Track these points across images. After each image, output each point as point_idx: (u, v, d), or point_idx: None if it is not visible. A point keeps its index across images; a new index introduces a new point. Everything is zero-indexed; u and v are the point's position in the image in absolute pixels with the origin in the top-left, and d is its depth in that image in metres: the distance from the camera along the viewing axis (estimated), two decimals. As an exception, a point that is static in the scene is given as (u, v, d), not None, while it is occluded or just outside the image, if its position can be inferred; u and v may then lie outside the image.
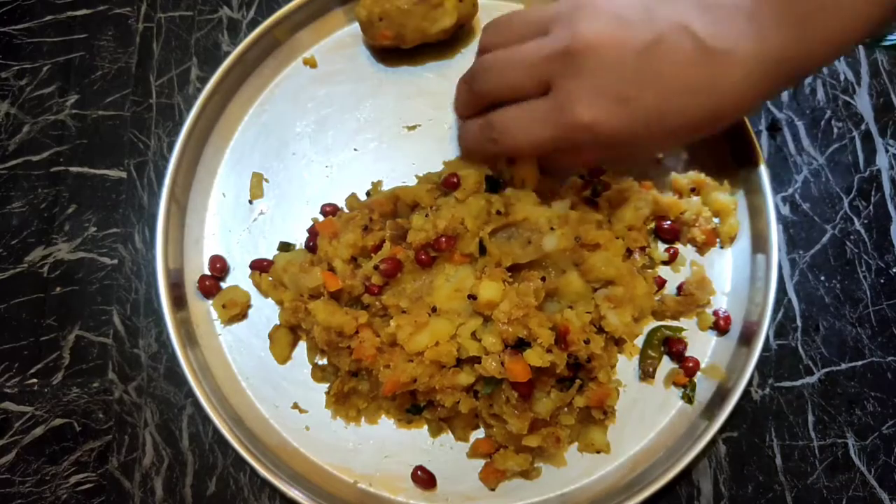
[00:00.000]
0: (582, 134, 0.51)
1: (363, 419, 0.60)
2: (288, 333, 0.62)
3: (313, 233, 0.63)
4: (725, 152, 0.65)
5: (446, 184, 0.59)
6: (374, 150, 0.68)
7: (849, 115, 0.70)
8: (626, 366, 0.61)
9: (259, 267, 0.64)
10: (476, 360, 0.55)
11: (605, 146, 0.52)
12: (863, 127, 0.69)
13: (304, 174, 0.68)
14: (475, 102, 0.59)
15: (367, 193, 0.66)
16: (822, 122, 0.70)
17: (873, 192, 0.67)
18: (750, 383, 0.60)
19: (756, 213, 0.63)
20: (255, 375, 0.62)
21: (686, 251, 0.64)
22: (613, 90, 0.49)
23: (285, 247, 0.65)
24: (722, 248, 0.64)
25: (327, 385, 0.60)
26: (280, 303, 0.62)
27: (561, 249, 0.55)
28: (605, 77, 0.49)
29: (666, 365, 0.62)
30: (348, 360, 0.57)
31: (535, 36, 0.53)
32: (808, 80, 0.71)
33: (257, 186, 0.67)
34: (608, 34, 0.49)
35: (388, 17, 0.65)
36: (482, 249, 0.56)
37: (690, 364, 0.61)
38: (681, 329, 0.62)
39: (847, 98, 0.71)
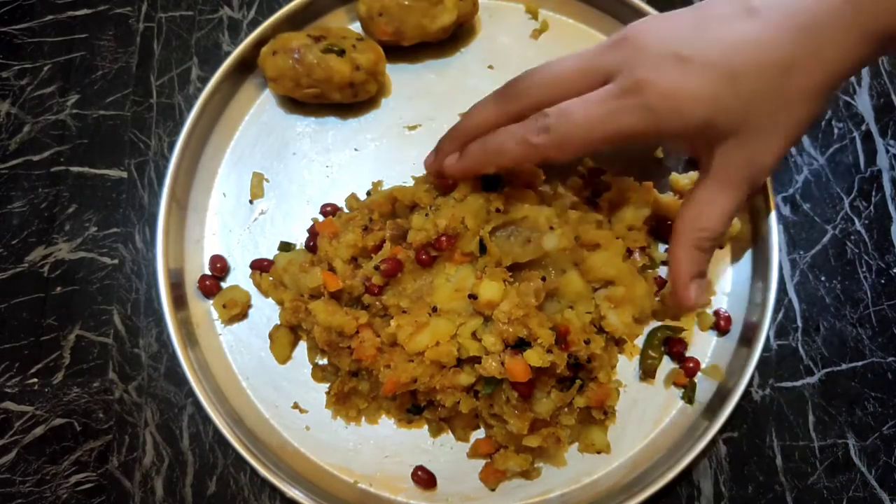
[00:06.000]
0: (657, 104, 0.48)
1: (363, 419, 0.60)
2: (288, 333, 0.62)
3: (313, 233, 0.63)
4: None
5: (441, 185, 0.59)
6: (374, 150, 0.68)
7: (849, 115, 0.70)
8: (626, 366, 0.61)
9: (259, 267, 0.64)
10: (476, 360, 0.55)
11: (683, 121, 0.48)
12: (863, 127, 0.69)
13: (304, 174, 0.68)
14: (509, 111, 0.54)
15: (368, 193, 0.66)
16: (823, 123, 0.70)
17: (874, 193, 0.67)
18: (750, 383, 0.60)
19: (756, 213, 0.63)
20: (256, 375, 0.62)
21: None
22: (677, 52, 0.47)
23: (286, 247, 0.65)
24: (722, 247, 0.64)
25: (327, 385, 0.61)
26: (280, 303, 0.62)
27: (561, 248, 0.55)
28: (665, 44, 0.48)
29: (666, 365, 0.62)
30: (348, 360, 0.57)
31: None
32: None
33: (258, 186, 0.67)
34: (659, 19, 0.50)
35: (388, 13, 0.65)
36: (482, 248, 0.56)
37: (691, 364, 0.61)
38: (681, 329, 0.62)
39: (847, 98, 0.71)
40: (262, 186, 0.67)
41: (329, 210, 0.65)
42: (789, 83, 0.47)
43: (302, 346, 0.63)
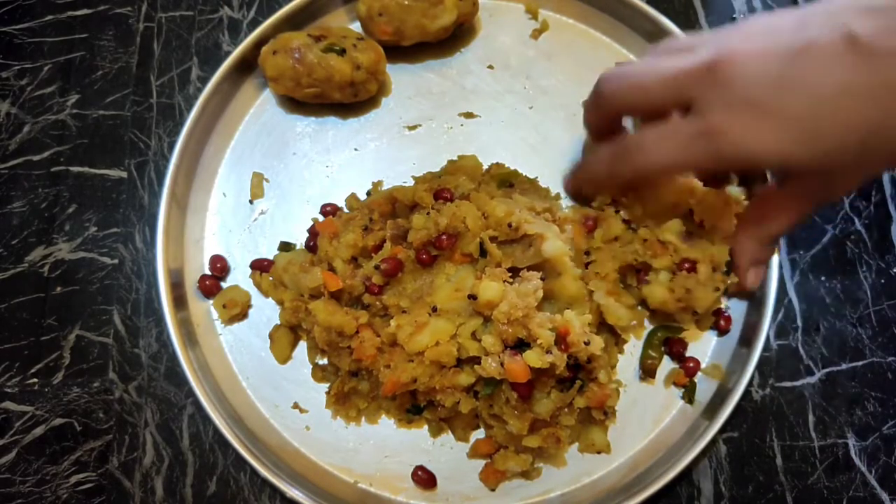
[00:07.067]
0: (728, 152, 0.48)
1: (363, 419, 0.60)
2: (288, 333, 0.62)
3: (314, 233, 0.63)
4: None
5: (438, 195, 0.59)
6: (374, 150, 0.68)
7: (849, 114, 0.70)
8: (626, 366, 0.61)
9: (259, 267, 0.64)
10: (476, 360, 0.55)
11: (753, 165, 0.50)
12: (863, 127, 0.69)
13: (304, 174, 0.68)
14: (604, 113, 0.57)
15: (368, 193, 0.66)
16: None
17: (874, 192, 0.67)
18: (750, 383, 0.60)
19: (757, 213, 0.63)
20: (256, 375, 0.62)
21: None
22: (758, 102, 0.46)
23: (286, 247, 0.65)
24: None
25: (327, 385, 0.61)
26: (280, 303, 0.62)
27: (560, 255, 0.55)
28: (748, 89, 0.46)
29: (666, 365, 0.62)
30: (348, 360, 0.57)
31: (679, 55, 0.51)
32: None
33: (258, 186, 0.67)
34: (754, 45, 0.46)
35: (388, 13, 0.65)
36: (483, 252, 0.56)
37: (691, 364, 0.61)
38: (681, 329, 0.62)
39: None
40: (262, 186, 0.67)
41: (329, 210, 0.65)
42: (874, 144, 0.45)
43: (302, 346, 0.63)
